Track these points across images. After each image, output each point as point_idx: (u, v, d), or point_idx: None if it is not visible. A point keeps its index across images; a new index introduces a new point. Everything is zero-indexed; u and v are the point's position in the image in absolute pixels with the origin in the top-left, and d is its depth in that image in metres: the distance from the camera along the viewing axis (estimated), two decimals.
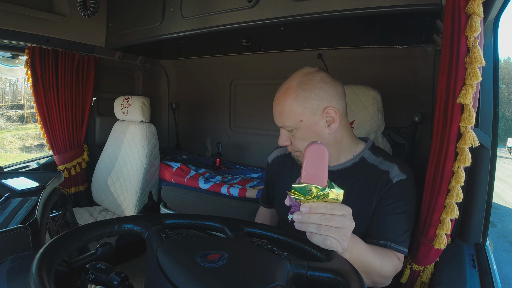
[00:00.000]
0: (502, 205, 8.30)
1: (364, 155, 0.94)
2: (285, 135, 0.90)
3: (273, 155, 1.15)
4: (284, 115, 0.86)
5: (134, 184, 2.01)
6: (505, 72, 40.81)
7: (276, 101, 0.89)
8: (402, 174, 0.87)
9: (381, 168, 0.90)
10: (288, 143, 0.89)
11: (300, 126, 0.85)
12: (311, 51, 1.92)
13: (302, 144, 0.87)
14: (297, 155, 0.92)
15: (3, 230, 0.62)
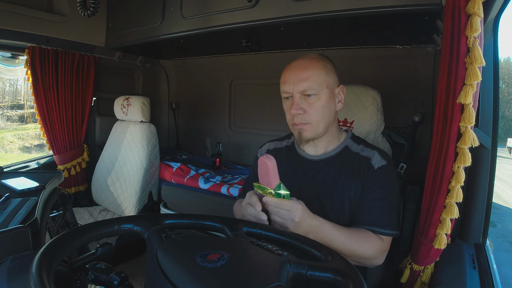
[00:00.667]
0: (502, 205, 8.30)
1: (346, 144, 0.97)
2: (300, 103, 0.88)
3: (264, 148, 1.14)
4: (312, 79, 0.86)
5: (134, 184, 2.01)
6: (505, 72, 40.80)
7: (298, 65, 0.89)
8: (382, 160, 0.90)
9: (363, 155, 0.93)
10: (301, 112, 0.88)
11: (323, 94, 0.88)
12: (311, 51, 1.92)
13: (317, 115, 0.88)
14: (302, 129, 0.91)
15: (3, 230, 0.62)
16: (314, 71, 0.87)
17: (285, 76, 0.91)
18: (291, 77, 0.89)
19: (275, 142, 1.12)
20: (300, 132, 0.91)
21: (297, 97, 0.88)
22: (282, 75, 0.93)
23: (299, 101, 0.88)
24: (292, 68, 0.90)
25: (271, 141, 1.14)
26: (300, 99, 0.88)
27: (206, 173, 2.03)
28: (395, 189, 0.91)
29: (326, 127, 0.91)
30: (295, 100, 0.88)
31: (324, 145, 0.97)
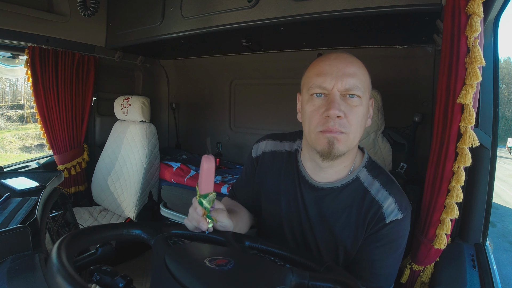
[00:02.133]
0: (502, 205, 8.30)
1: (359, 174, 0.79)
2: (341, 104, 0.69)
3: (260, 147, 0.94)
4: (358, 77, 0.70)
5: (134, 184, 2.01)
6: (505, 72, 40.81)
7: (342, 58, 0.72)
8: (397, 212, 0.74)
9: (374, 196, 0.76)
10: (342, 114, 0.69)
11: (365, 99, 0.72)
12: (311, 51, 1.92)
13: (356, 122, 0.70)
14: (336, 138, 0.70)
15: (3, 230, 0.62)
16: (361, 69, 0.72)
17: (322, 66, 0.72)
18: (332, 69, 0.70)
19: (275, 142, 0.93)
20: (332, 142, 0.70)
21: (337, 95, 0.69)
22: (314, 66, 0.74)
23: (340, 101, 0.69)
24: (334, 59, 0.72)
25: (271, 138, 0.94)
26: (340, 99, 0.69)
27: None
28: (405, 241, 0.77)
29: (357, 143, 0.74)
30: (335, 98, 0.69)
31: (337, 171, 0.79)
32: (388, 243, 0.75)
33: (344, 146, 0.71)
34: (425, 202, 0.90)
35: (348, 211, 0.78)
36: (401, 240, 0.77)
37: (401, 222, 0.75)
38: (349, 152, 0.76)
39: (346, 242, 0.78)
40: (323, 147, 0.71)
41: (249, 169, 0.97)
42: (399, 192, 0.78)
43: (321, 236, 0.81)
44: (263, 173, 0.92)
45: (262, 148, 0.94)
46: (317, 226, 0.81)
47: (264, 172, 0.92)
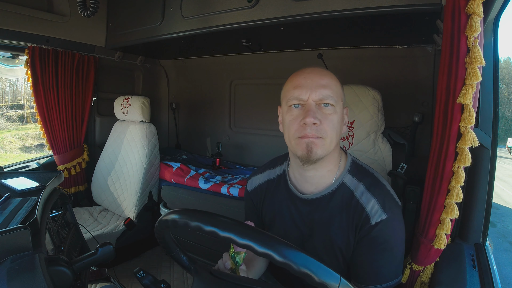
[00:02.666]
0: (502, 205, 8.30)
1: (344, 180, 0.84)
2: (316, 112, 0.75)
3: (253, 183, 1.02)
4: (331, 88, 0.77)
5: (134, 184, 2.01)
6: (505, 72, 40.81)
7: (315, 72, 0.79)
8: (382, 213, 0.77)
9: (359, 200, 0.80)
10: (317, 122, 0.75)
11: (338, 108, 0.78)
12: (311, 51, 1.92)
13: (331, 129, 0.76)
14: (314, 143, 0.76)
15: (3, 230, 0.62)
16: (333, 81, 0.79)
17: (298, 80, 0.79)
18: (307, 82, 0.77)
19: (267, 172, 0.99)
20: (309, 146, 0.76)
21: (312, 105, 0.76)
22: (291, 80, 0.81)
23: (315, 110, 0.75)
24: (308, 73, 0.79)
25: (262, 170, 1.02)
26: (315, 107, 0.76)
27: (206, 173, 2.03)
28: (396, 243, 0.80)
29: (334, 147, 0.80)
30: (311, 107, 0.75)
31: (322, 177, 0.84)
32: (379, 244, 0.78)
33: (322, 149, 0.77)
34: (425, 202, 0.90)
35: (339, 217, 0.82)
36: (392, 241, 0.79)
37: (388, 223, 0.77)
38: (329, 157, 0.81)
39: (341, 245, 0.82)
40: (302, 152, 0.77)
41: (248, 203, 1.05)
42: (383, 193, 0.81)
43: (319, 241, 0.86)
44: (261, 202, 1.00)
45: (256, 182, 1.02)
46: (315, 234, 0.86)
47: (262, 202, 1.00)
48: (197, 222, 0.55)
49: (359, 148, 1.31)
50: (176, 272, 2.05)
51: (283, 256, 0.49)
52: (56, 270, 0.63)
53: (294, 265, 0.49)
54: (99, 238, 1.75)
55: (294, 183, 0.91)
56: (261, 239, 0.51)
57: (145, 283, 0.68)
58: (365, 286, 0.80)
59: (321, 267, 0.50)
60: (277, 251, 0.50)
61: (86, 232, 1.29)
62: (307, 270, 0.49)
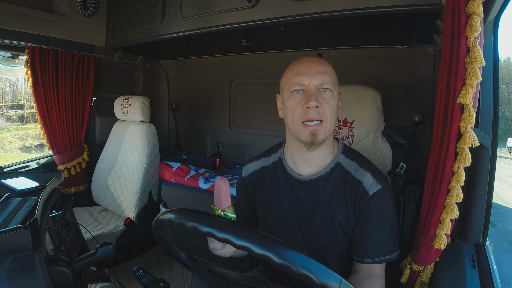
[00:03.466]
0: (502, 205, 8.30)
1: (338, 160, 0.91)
2: (318, 96, 0.82)
3: (248, 169, 1.05)
4: (329, 74, 0.84)
5: (134, 184, 2.01)
6: (505, 72, 40.80)
7: (314, 60, 0.86)
8: (376, 184, 0.84)
9: (355, 176, 0.87)
10: (320, 105, 0.81)
11: (335, 92, 0.85)
12: (311, 51, 1.92)
13: (330, 112, 0.83)
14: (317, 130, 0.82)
15: (3, 230, 0.62)
16: (330, 68, 0.86)
17: (299, 67, 0.85)
18: (307, 69, 0.83)
19: (262, 160, 1.03)
20: (314, 133, 0.82)
21: (313, 90, 0.82)
22: (292, 68, 0.86)
23: (317, 94, 0.82)
24: (308, 61, 0.85)
25: (257, 158, 1.05)
26: (316, 92, 0.82)
27: (206, 173, 2.03)
28: (393, 212, 0.87)
29: (332, 130, 0.86)
30: (313, 92, 0.82)
31: (321, 158, 0.89)
32: (378, 215, 0.84)
33: (323, 134, 0.83)
34: (425, 202, 0.90)
35: (337, 194, 0.88)
36: (388, 211, 0.86)
37: (383, 193, 0.84)
38: (328, 139, 0.87)
39: (341, 220, 0.87)
40: (306, 139, 0.83)
41: (242, 189, 1.08)
42: (374, 168, 0.90)
43: (319, 220, 0.89)
44: (255, 189, 1.02)
45: (251, 168, 1.04)
46: (315, 214, 0.89)
47: (256, 187, 1.02)
48: (194, 223, 0.55)
49: (358, 148, 1.31)
50: (176, 272, 2.05)
51: (282, 258, 0.49)
52: (56, 270, 0.63)
53: (293, 267, 0.49)
54: (99, 238, 1.75)
55: (291, 167, 0.94)
56: (259, 241, 0.51)
57: (144, 282, 0.68)
58: (368, 259, 0.84)
59: (321, 268, 0.49)
60: (276, 253, 0.49)
61: (86, 232, 1.29)
62: (307, 272, 0.48)
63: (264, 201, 0.99)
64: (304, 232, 0.90)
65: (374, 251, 0.84)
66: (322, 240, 0.89)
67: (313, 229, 0.89)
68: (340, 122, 1.33)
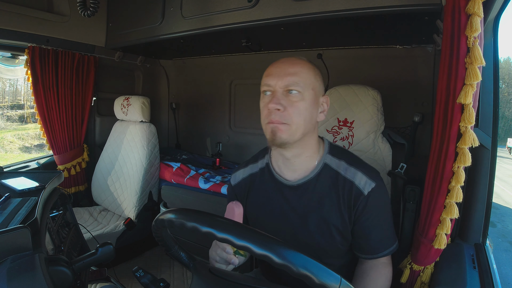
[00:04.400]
0: (502, 205, 8.30)
1: (325, 161, 0.88)
2: (281, 99, 0.79)
3: (237, 177, 1.03)
4: (300, 76, 0.79)
5: (134, 184, 2.01)
6: (505, 72, 40.81)
7: (288, 61, 0.82)
8: (370, 182, 0.83)
9: (345, 175, 0.85)
10: (281, 108, 0.78)
11: (308, 95, 0.80)
12: (311, 51, 1.92)
13: (296, 115, 0.79)
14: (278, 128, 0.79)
15: (3, 230, 0.62)
16: (303, 69, 0.81)
17: (270, 69, 0.83)
18: (277, 70, 0.81)
19: (250, 167, 1.01)
20: (274, 131, 0.80)
21: (279, 92, 0.80)
22: (267, 68, 0.85)
23: (280, 96, 0.79)
24: (281, 62, 0.83)
25: (245, 165, 1.03)
26: (282, 94, 0.80)
27: (206, 173, 2.03)
28: (389, 205, 0.88)
29: (303, 133, 0.82)
30: (277, 94, 0.80)
31: (303, 162, 0.87)
32: (378, 212, 0.84)
33: (286, 134, 0.80)
34: (425, 202, 0.90)
35: (329, 196, 0.85)
36: (386, 205, 0.86)
37: (378, 190, 0.83)
38: (304, 143, 0.84)
39: (336, 223, 0.85)
40: (269, 136, 0.82)
41: (232, 197, 1.06)
42: (365, 166, 0.87)
43: (313, 225, 0.86)
44: (245, 196, 1.00)
45: (240, 176, 1.02)
46: (308, 219, 0.87)
47: (246, 195, 1.00)
48: (194, 223, 0.55)
49: (358, 148, 1.31)
50: (176, 272, 2.05)
51: (282, 258, 0.49)
52: (56, 270, 0.63)
53: (293, 267, 0.49)
54: (99, 238, 1.75)
55: (278, 172, 0.92)
56: (260, 241, 0.51)
57: (143, 282, 0.68)
58: (371, 255, 0.86)
59: (321, 268, 0.49)
60: (276, 253, 0.49)
61: (86, 232, 1.29)
62: (307, 272, 0.48)
63: (255, 208, 0.97)
64: (299, 238, 0.88)
65: (380, 247, 0.85)
66: (318, 244, 0.87)
67: (307, 235, 0.87)
68: (340, 122, 1.34)
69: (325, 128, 1.37)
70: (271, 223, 0.92)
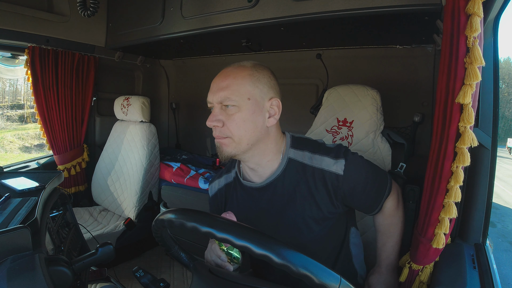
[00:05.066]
0: (502, 205, 8.29)
1: (289, 156, 0.88)
2: (219, 114, 0.81)
3: (213, 189, 1.05)
4: (231, 89, 0.80)
5: (134, 184, 2.01)
6: (505, 72, 40.80)
7: (223, 73, 0.83)
8: (339, 161, 0.83)
9: (313, 165, 0.85)
10: (219, 124, 0.80)
11: (244, 106, 0.80)
12: (311, 51, 1.92)
13: (235, 128, 0.80)
14: (222, 143, 0.82)
15: (3, 230, 0.62)
16: (236, 80, 0.81)
17: (211, 84, 0.86)
18: (213, 86, 0.84)
19: (225, 176, 1.02)
20: (219, 146, 0.83)
21: (217, 107, 0.82)
22: None
23: (218, 112, 0.81)
24: (217, 76, 0.85)
25: (219, 176, 1.04)
26: (220, 109, 0.81)
27: (206, 173, 2.03)
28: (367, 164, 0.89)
29: (250, 143, 0.81)
30: (214, 111, 0.82)
31: (267, 166, 0.87)
32: (363, 179, 0.86)
33: (231, 148, 0.81)
34: (424, 201, 0.90)
35: (298, 189, 0.85)
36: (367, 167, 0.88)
37: (351, 162, 0.84)
38: (260, 150, 0.84)
39: (312, 214, 0.85)
40: (217, 151, 0.84)
41: (212, 209, 1.08)
42: (327, 149, 0.87)
43: (289, 221, 0.86)
44: (223, 206, 1.02)
45: (216, 187, 1.04)
46: (282, 215, 0.87)
47: (222, 205, 1.02)
48: (193, 223, 0.55)
49: (358, 147, 1.31)
50: (176, 272, 2.05)
51: (282, 258, 0.49)
52: (56, 270, 0.63)
53: (293, 267, 0.49)
54: (99, 238, 1.75)
55: (247, 178, 0.93)
56: (259, 241, 0.51)
57: (144, 282, 0.68)
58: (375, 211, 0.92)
59: (320, 268, 0.49)
60: (276, 253, 0.49)
61: (86, 232, 1.29)
62: (306, 272, 0.48)
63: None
64: (281, 234, 0.87)
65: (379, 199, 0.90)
66: (297, 239, 0.87)
67: (285, 232, 0.87)
68: (339, 122, 1.34)
69: (324, 128, 1.37)
70: None
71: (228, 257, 0.74)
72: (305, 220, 0.85)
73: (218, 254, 0.75)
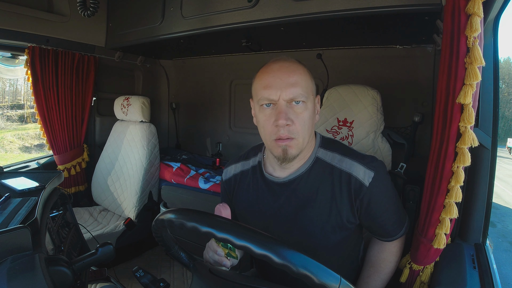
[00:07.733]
0: (502, 205, 8.30)
1: (317, 155, 0.86)
2: (288, 112, 0.75)
3: (228, 173, 1.01)
4: (301, 85, 0.75)
5: (134, 184, 2.01)
6: (505, 72, 40.80)
7: (284, 68, 0.77)
8: (369, 172, 0.80)
9: (341, 168, 0.82)
10: (290, 123, 0.75)
11: (310, 102, 0.78)
12: (311, 51, 1.92)
13: (303, 127, 0.77)
14: (288, 146, 0.77)
15: (3, 230, 0.62)
16: (302, 76, 0.77)
17: (267, 79, 0.77)
18: (276, 81, 0.75)
19: (242, 163, 0.99)
20: (285, 150, 0.78)
21: (283, 105, 0.75)
22: (261, 78, 0.79)
23: (286, 110, 0.75)
24: (276, 70, 0.77)
25: (237, 161, 1.01)
26: (286, 107, 0.75)
27: (206, 173, 2.03)
28: (393, 187, 0.88)
29: (306, 142, 0.80)
30: (282, 108, 0.75)
31: (298, 162, 0.85)
32: (384, 198, 0.84)
33: (296, 149, 0.79)
34: (425, 201, 0.90)
35: (321, 189, 0.83)
36: (390, 190, 0.86)
37: (379, 177, 0.81)
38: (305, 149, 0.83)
39: (330, 217, 0.82)
40: (278, 154, 0.80)
41: (223, 193, 1.05)
42: (359, 155, 0.84)
43: (307, 221, 0.84)
44: (236, 194, 0.99)
45: (231, 172, 1.01)
46: (300, 215, 0.85)
47: (236, 192, 0.99)
48: (193, 223, 0.55)
49: (358, 147, 1.31)
50: (176, 272, 2.05)
51: (282, 258, 0.49)
52: (56, 270, 0.63)
53: (293, 267, 0.48)
54: (99, 238, 1.75)
55: (270, 171, 0.90)
56: (259, 241, 0.51)
57: (143, 282, 0.68)
58: (389, 238, 0.89)
59: (320, 268, 0.49)
60: (276, 253, 0.49)
61: (86, 232, 1.29)
62: (307, 271, 0.48)
63: (244, 207, 0.95)
64: (294, 235, 0.86)
65: (396, 229, 0.88)
66: (313, 240, 0.85)
67: (301, 232, 0.85)
68: (340, 122, 1.34)
69: (324, 128, 1.37)
70: (262, 222, 0.90)
71: (225, 250, 0.74)
72: (323, 223, 0.82)
73: (214, 249, 0.75)
